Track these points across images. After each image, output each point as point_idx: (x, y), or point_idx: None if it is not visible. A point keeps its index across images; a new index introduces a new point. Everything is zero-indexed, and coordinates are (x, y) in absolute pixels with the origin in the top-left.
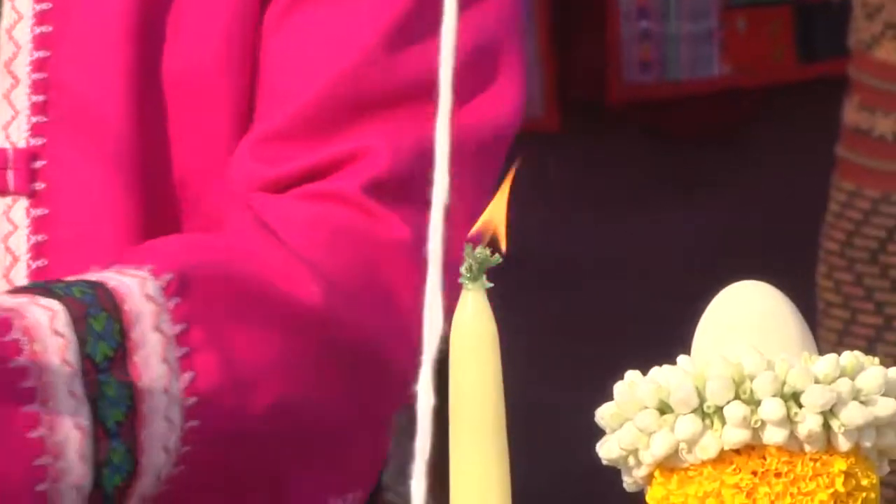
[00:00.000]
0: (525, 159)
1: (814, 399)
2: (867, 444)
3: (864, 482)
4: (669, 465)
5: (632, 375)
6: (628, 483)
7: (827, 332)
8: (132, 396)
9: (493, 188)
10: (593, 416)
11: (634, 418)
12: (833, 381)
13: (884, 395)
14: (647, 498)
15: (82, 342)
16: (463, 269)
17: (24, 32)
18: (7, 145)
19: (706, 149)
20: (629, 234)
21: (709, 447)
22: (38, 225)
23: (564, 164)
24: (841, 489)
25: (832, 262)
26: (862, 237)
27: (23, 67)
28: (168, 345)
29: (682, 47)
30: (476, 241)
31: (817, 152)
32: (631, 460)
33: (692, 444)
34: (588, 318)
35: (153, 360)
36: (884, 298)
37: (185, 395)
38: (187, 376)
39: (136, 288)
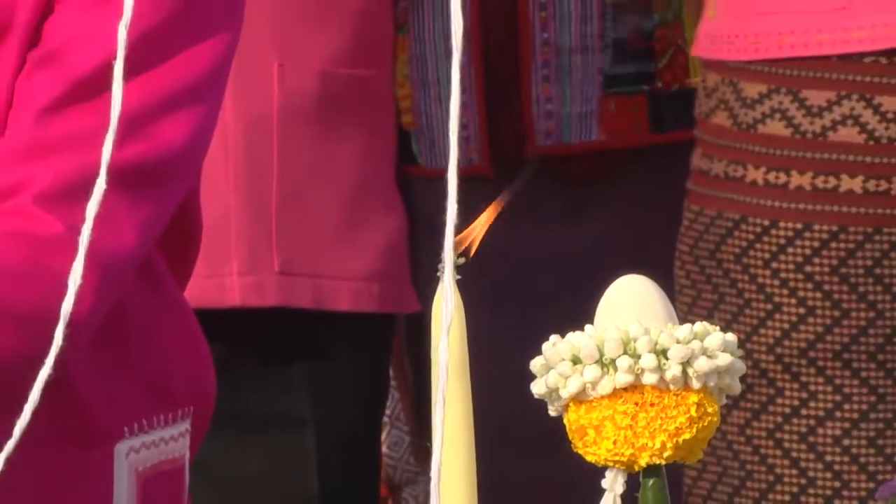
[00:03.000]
0: (510, 192)
1: (675, 354)
2: (711, 384)
3: (710, 410)
4: (579, 398)
5: (554, 338)
6: (552, 410)
7: (680, 306)
8: None
9: (153, 207)
10: (530, 367)
11: (556, 367)
12: (689, 341)
13: (722, 351)
14: (565, 420)
15: None
16: (441, 266)
17: None
18: None
19: (593, 188)
20: (548, 244)
21: (605, 386)
22: None
23: (498, 192)
24: (694, 414)
25: (684, 259)
26: (704, 241)
27: None
28: None
29: (573, 122)
30: (457, 245)
31: (666, 190)
32: (553, 395)
33: (594, 384)
34: (524, 302)
35: None
36: (718, 282)
37: None
38: None
39: None
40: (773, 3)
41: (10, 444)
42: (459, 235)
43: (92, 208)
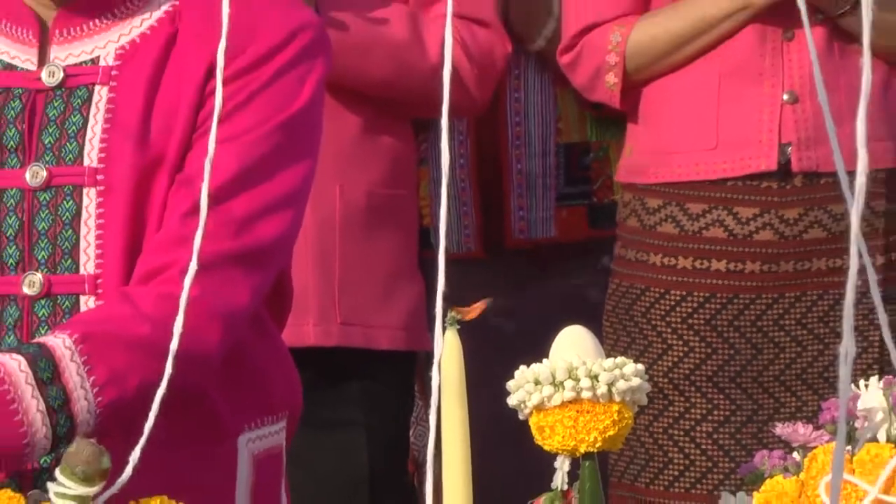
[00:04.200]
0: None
1: (603, 378)
2: (627, 398)
3: (626, 415)
4: (539, 407)
5: (522, 368)
6: (521, 415)
7: (606, 346)
8: (65, 392)
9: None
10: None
11: (524, 386)
12: (612, 370)
13: (634, 376)
14: (530, 423)
15: (35, 371)
16: (447, 321)
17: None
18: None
19: (551, 268)
20: (522, 305)
21: (556, 399)
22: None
23: (488, 271)
24: (616, 418)
25: (608, 314)
26: (622, 303)
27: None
28: (78, 367)
29: (537, 224)
30: (460, 311)
31: (598, 272)
32: (522, 405)
33: (549, 398)
34: (504, 342)
35: (73, 374)
36: (630, 330)
37: (91, 389)
38: (91, 378)
39: (60, 342)
40: (667, 146)
41: (138, 447)
42: (459, 308)
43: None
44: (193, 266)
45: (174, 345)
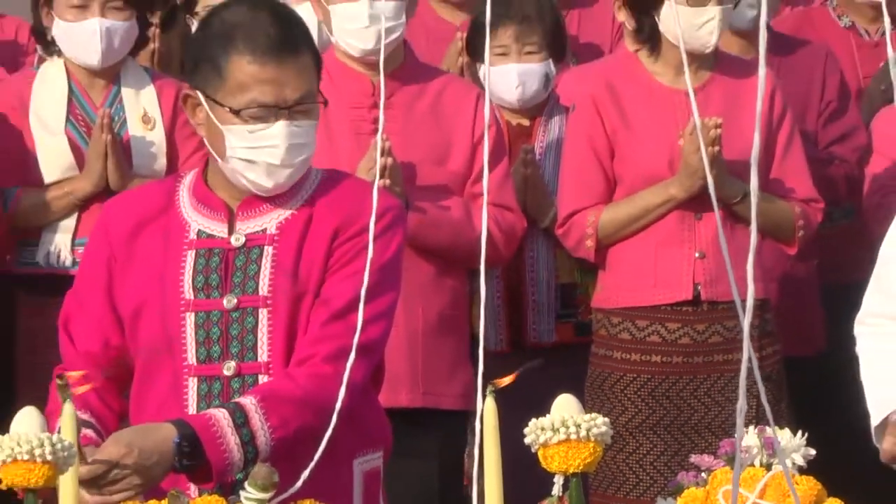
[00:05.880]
0: (524, 368)
1: (584, 426)
2: (598, 439)
3: (599, 450)
4: (545, 444)
5: (534, 420)
6: (533, 449)
7: (587, 408)
8: (252, 432)
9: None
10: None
11: (535, 431)
12: (589, 421)
13: (603, 425)
14: (538, 454)
15: (233, 419)
16: (487, 391)
17: None
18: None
19: (554, 361)
20: (533, 382)
21: (554, 439)
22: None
23: (513, 360)
24: (591, 451)
25: (587, 388)
26: (594, 382)
27: None
28: (260, 416)
29: (543, 332)
30: (495, 383)
31: (582, 362)
32: (534, 443)
33: (550, 439)
34: (525, 404)
35: (257, 421)
36: (601, 398)
37: (268, 430)
38: (268, 423)
39: (248, 400)
40: (623, 285)
41: (307, 469)
42: (497, 380)
43: (344, 363)
44: (353, 355)
45: (338, 405)
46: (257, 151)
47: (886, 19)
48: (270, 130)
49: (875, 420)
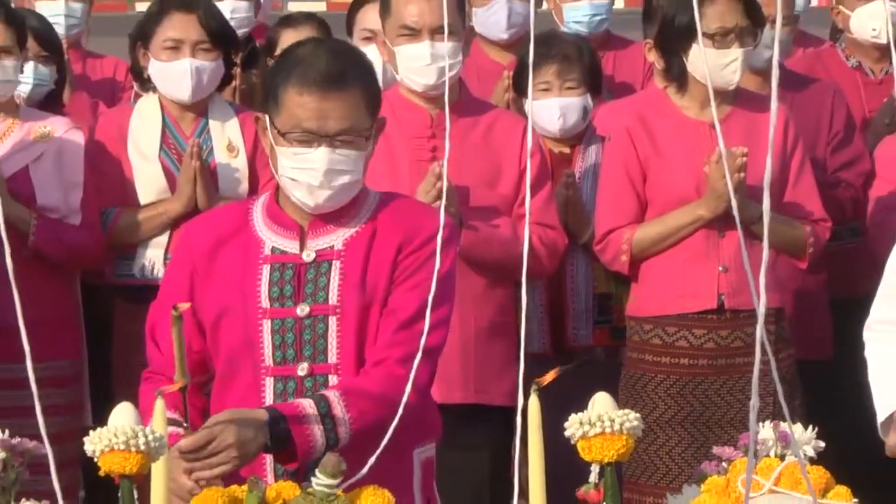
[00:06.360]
0: (562, 368)
1: (617, 421)
2: (630, 432)
3: (631, 442)
4: (583, 437)
5: (573, 415)
6: (572, 441)
7: (620, 404)
8: (334, 421)
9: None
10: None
11: (574, 425)
12: (623, 416)
13: (635, 419)
14: (577, 445)
15: (318, 408)
16: (532, 389)
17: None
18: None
19: (589, 363)
20: (573, 381)
21: (591, 432)
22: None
23: (554, 362)
24: (626, 443)
25: (620, 387)
26: (628, 381)
27: None
28: (342, 408)
29: (580, 336)
30: (538, 381)
31: (616, 365)
32: (574, 436)
33: (588, 432)
34: (563, 400)
35: (339, 411)
36: (634, 396)
37: (348, 420)
38: (348, 414)
39: (332, 393)
40: (654, 295)
41: (372, 457)
42: (538, 379)
43: (411, 366)
44: (418, 357)
45: (404, 399)
46: (300, 172)
47: (893, 56)
48: (312, 154)
49: (881, 416)
